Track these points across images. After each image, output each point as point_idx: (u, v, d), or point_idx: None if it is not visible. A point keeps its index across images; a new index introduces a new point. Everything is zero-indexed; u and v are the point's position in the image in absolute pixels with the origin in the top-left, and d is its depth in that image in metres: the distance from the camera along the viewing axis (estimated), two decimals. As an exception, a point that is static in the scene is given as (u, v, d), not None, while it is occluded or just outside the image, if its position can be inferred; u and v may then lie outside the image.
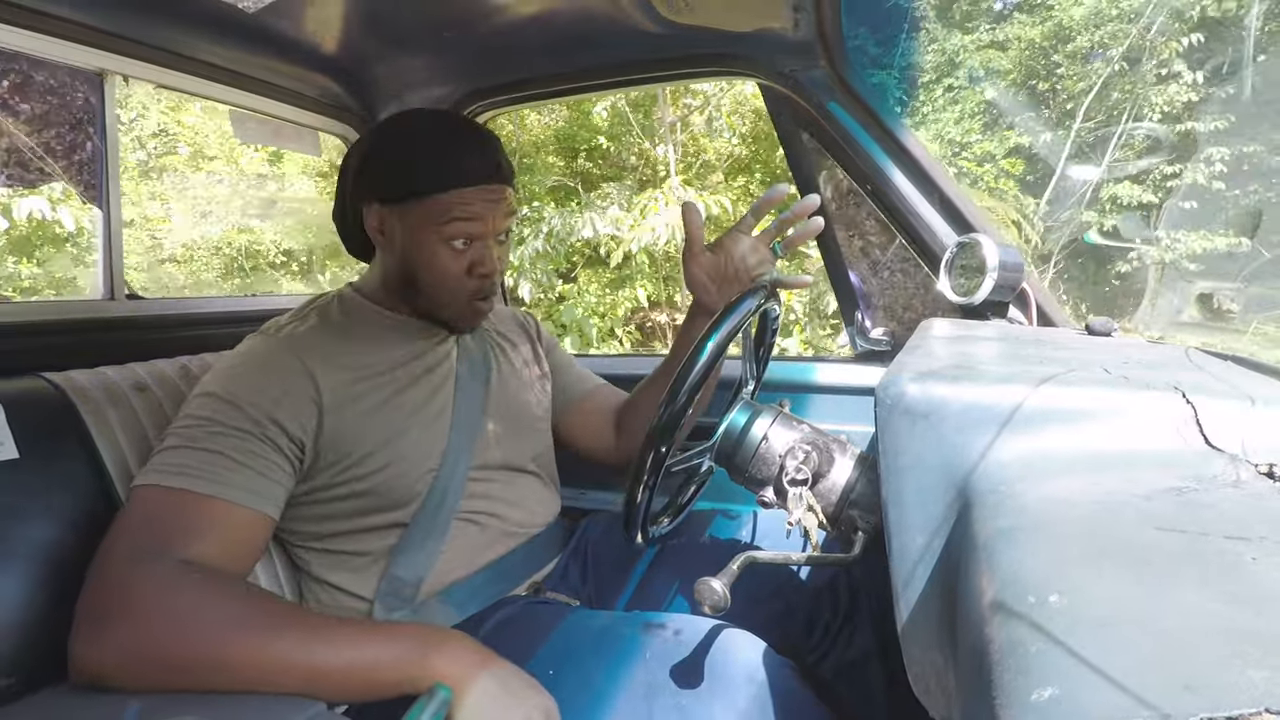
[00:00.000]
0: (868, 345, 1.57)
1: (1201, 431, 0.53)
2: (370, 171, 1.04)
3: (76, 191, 5.70)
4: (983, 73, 8.81)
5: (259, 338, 1.00)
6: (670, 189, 6.16)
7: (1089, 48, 8.24)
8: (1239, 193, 7.92)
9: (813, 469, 0.86)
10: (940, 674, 0.56)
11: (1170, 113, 8.01)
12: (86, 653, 0.72)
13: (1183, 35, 7.73)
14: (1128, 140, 8.28)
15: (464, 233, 1.01)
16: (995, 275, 1.26)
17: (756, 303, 0.88)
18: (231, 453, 0.86)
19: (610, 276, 6.85)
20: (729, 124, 6.70)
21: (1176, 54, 7.80)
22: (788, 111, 1.48)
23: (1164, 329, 7.03)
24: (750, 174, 6.98)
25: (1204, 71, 7.87)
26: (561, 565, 1.20)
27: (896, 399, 0.60)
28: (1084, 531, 0.43)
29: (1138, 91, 8.11)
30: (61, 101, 1.48)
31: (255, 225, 9.38)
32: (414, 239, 1.02)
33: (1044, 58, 8.65)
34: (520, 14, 1.34)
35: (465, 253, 1.03)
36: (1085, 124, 8.36)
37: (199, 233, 9.15)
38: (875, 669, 0.99)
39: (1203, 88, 7.94)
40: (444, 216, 1.00)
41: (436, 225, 1.01)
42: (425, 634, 0.79)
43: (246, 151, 9.26)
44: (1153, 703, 0.29)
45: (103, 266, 1.28)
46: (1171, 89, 7.90)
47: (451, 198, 1.00)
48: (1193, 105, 8.01)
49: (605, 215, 6.25)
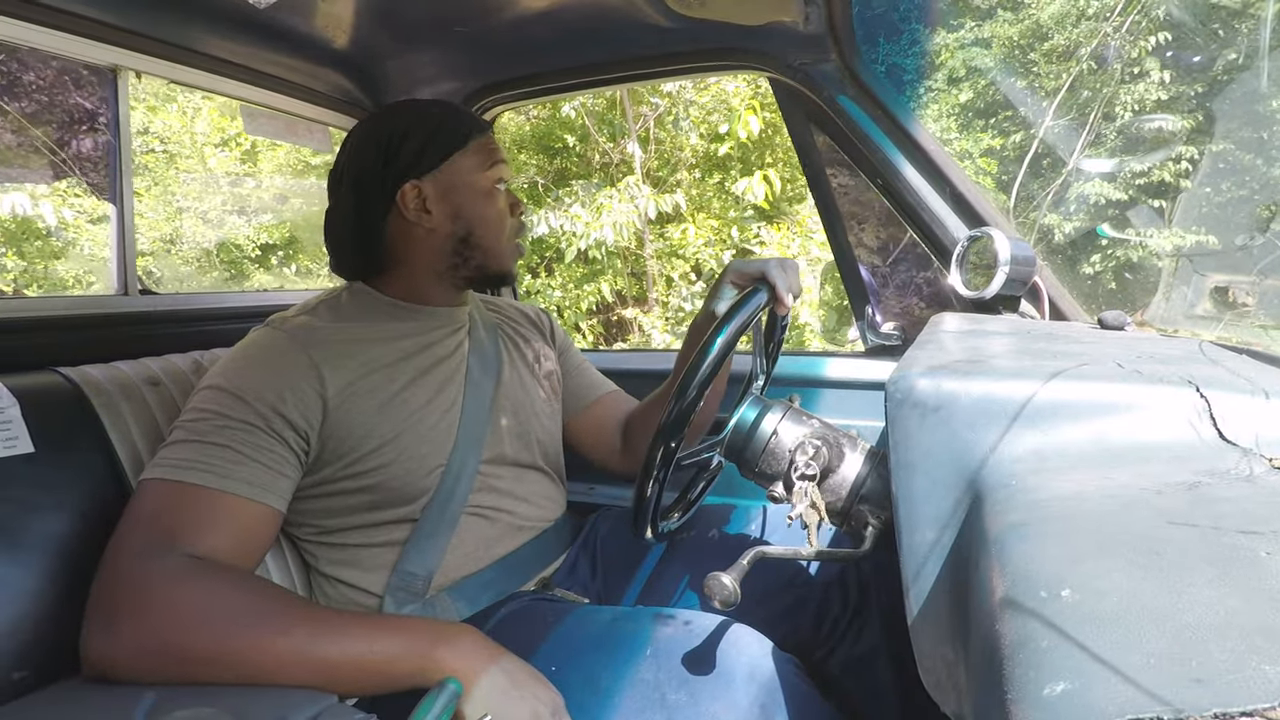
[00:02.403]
0: (878, 340, 1.56)
1: (1215, 425, 0.53)
2: (402, 153, 1.06)
3: (88, 187, 5.72)
4: (963, 72, 8.74)
5: (265, 330, 1.00)
6: (625, 187, 6.21)
7: (1066, 46, 8.18)
8: (1210, 190, 7.87)
9: (822, 464, 0.86)
10: (951, 669, 0.56)
11: (1140, 111, 7.96)
12: (98, 647, 0.73)
13: (1151, 34, 7.68)
14: (1100, 138, 8.23)
15: (500, 175, 1.12)
16: (1007, 269, 1.25)
17: (764, 298, 0.88)
18: (238, 446, 0.86)
19: (583, 271, 6.90)
20: (694, 122, 6.72)
21: (1146, 52, 7.75)
22: (798, 105, 1.47)
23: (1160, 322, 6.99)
24: (726, 171, 6.99)
25: (1173, 70, 7.83)
26: (570, 560, 1.20)
27: (907, 393, 0.60)
28: (1096, 526, 0.43)
29: (1106, 90, 8.06)
30: (72, 98, 1.49)
31: (231, 221, 9.53)
32: (465, 194, 1.09)
33: (1022, 55, 8.59)
34: (530, 8, 1.34)
35: (504, 194, 1.13)
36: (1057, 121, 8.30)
37: (171, 229, 9.28)
38: (884, 664, 0.99)
39: (1171, 86, 7.89)
40: (486, 162, 1.10)
41: (482, 172, 1.10)
42: (434, 628, 0.79)
43: (215, 153, 9.44)
44: (1165, 698, 0.29)
45: (116, 262, 1.28)
46: (1140, 87, 7.87)
47: (486, 142, 1.11)
48: (1162, 103, 7.97)
49: (568, 212, 6.29)
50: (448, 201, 1.07)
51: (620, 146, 6.99)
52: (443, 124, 1.08)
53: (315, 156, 9.09)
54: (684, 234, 6.55)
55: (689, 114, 6.83)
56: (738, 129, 5.96)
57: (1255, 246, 4.97)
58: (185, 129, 9.14)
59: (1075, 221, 8.01)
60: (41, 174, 6.60)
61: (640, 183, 6.27)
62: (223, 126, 9.17)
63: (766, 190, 5.95)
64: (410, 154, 1.06)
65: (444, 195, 1.07)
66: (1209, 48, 7.86)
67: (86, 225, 8.07)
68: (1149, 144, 7.90)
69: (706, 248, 6.60)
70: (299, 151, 9.19)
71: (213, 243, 9.34)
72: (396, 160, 1.06)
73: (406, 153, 1.06)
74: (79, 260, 8.19)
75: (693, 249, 6.62)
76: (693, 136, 6.93)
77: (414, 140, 1.06)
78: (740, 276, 1.05)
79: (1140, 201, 8.00)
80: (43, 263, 8.11)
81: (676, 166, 7.14)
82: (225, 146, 9.34)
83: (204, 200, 9.34)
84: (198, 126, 9.20)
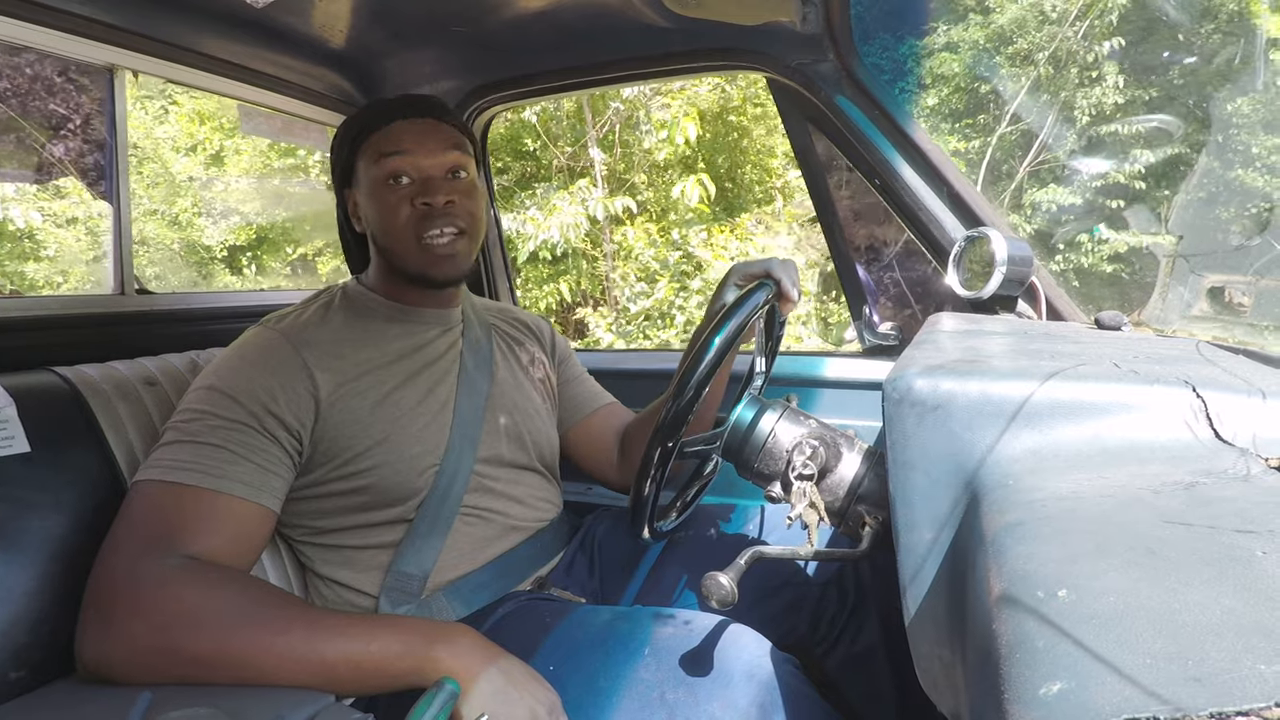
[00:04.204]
0: (875, 340, 1.56)
1: (1211, 425, 0.53)
2: (335, 163, 1.12)
3: (85, 187, 5.72)
4: (929, 79, 8.77)
5: (258, 330, 1.01)
6: (577, 190, 6.45)
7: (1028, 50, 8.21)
8: (1168, 193, 7.92)
9: (820, 464, 0.86)
10: (948, 668, 0.56)
11: (1098, 115, 8.00)
12: (94, 647, 0.73)
13: (1105, 39, 7.73)
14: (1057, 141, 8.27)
15: (396, 167, 1.04)
16: (1004, 269, 1.25)
17: (763, 297, 0.88)
18: (231, 446, 0.86)
19: (547, 272, 6.99)
20: (655, 127, 6.83)
21: (1103, 57, 7.79)
22: (796, 106, 1.47)
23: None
24: (695, 173, 7.15)
25: (1128, 75, 7.88)
26: (567, 560, 1.20)
27: (904, 393, 0.60)
28: (1093, 526, 0.43)
29: (1064, 95, 8.11)
30: (69, 98, 1.49)
31: (199, 223, 9.60)
32: (368, 197, 1.07)
33: (986, 59, 8.61)
34: (527, 8, 1.34)
35: (408, 189, 1.05)
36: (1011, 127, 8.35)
37: (137, 231, 9.31)
38: (882, 663, 0.99)
39: (1125, 90, 7.94)
40: (376, 156, 1.05)
41: (376, 169, 1.05)
42: (432, 628, 0.79)
43: (176, 159, 9.47)
44: (1162, 697, 0.29)
45: (113, 261, 1.28)
46: (1097, 91, 7.91)
47: (380, 137, 1.05)
48: (1120, 107, 8.00)
49: (524, 215, 6.40)
50: (364, 204, 1.09)
51: (582, 150, 7.10)
52: (354, 124, 1.09)
53: (279, 160, 9.20)
54: (624, 237, 6.75)
55: (649, 119, 6.99)
56: (676, 135, 6.26)
57: (1252, 247, 5.01)
58: (148, 135, 9.21)
59: (1036, 224, 8.07)
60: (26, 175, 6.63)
61: (592, 185, 6.52)
62: (192, 132, 9.23)
63: (701, 193, 6.26)
64: (336, 163, 1.12)
65: (363, 198, 1.09)
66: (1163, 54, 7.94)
67: (53, 229, 8.20)
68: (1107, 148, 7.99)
69: (650, 248, 6.79)
70: (268, 157, 9.27)
71: (180, 244, 9.43)
72: (335, 173, 1.13)
73: (336, 162, 1.12)
74: (47, 263, 8.31)
75: (635, 250, 6.82)
76: (646, 141, 7.12)
77: (344, 147, 1.10)
78: (745, 278, 1.04)
79: (1098, 204, 8.08)
80: (12, 264, 8.25)
81: (637, 169, 7.32)
82: (190, 153, 9.39)
83: (174, 204, 9.41)
84: (162, 131, 9.27)
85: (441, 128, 1.07)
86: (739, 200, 8.01)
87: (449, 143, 1.07)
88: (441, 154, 1.06)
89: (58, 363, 1.03)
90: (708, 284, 6.14)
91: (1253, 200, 7.22)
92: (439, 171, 1.05)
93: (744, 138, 7.84)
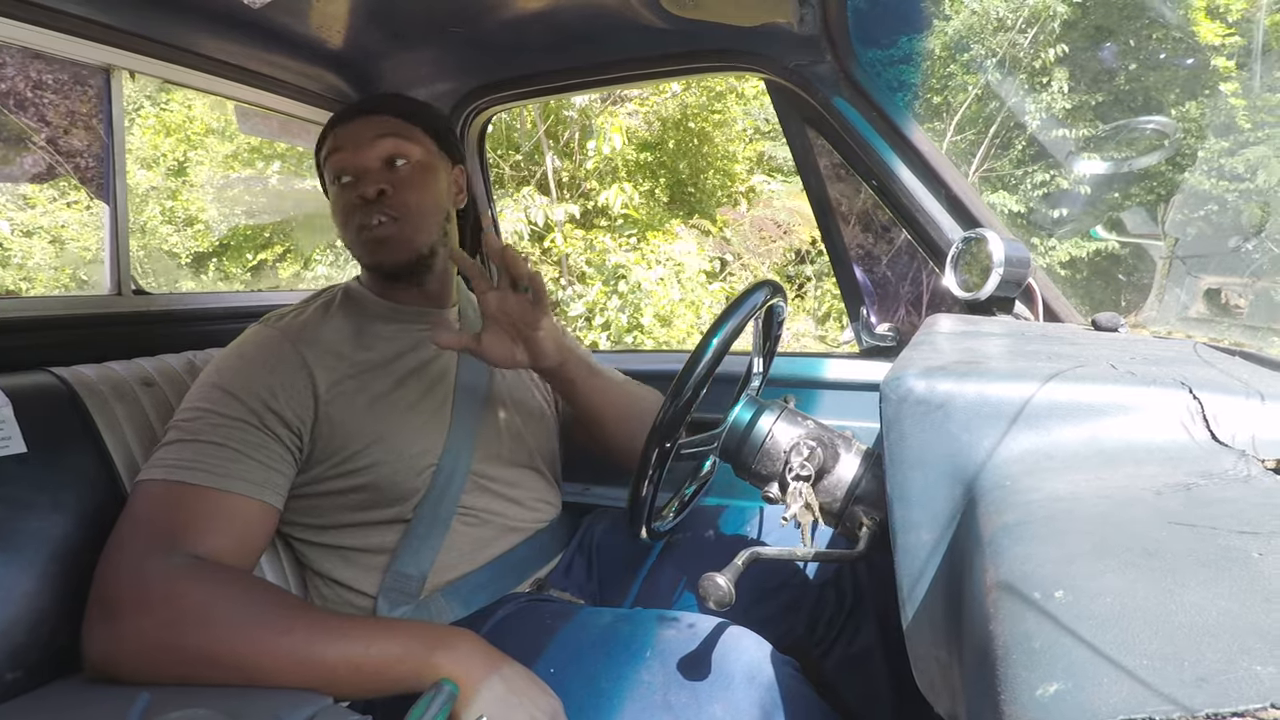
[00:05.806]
0: (873, 341, 1.56)
1: (1209, 427, 0.53)
2: (318, 171, 1.16)
3: (82, 187, 5.72)
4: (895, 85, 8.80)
5: (258, 328, 1.01)
6: (521, 196, 6.70)
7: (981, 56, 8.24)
8: (1119, 196, 7.96)
9: (817, 465, 0.86)
10: (945, 669, 0.56)
11: (1047, 119, 8.03)
12: (100, 644, 0.73)
13: (1051, 45, 7.76)
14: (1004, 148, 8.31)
15: (338, 165, 1.07)
16: (1001, 270, 1.25)
17: (761, 297, 0.88)
18: (233, 444, 0.86)
19: None
20: (600, 137, 7.03)
21: (1052, 62, 7.81)
22: (793, 107, 1.47)
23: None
24: (656, 179, 7.24)
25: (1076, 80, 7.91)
26: (566, 562, 1.20)
27: (902, 394, 0.60)
28: (1090, 527, 0.43)
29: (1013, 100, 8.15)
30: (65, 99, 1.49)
31: (162, 230, 9.62)
32: (330, 201, 1.11)
33: (941, 68, 8.63)
34: (525, 9, 1.34)
35: (350, 185, 1.07)
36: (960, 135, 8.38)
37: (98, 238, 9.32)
38: (879, 664, 0.99)
39: (1073, 95, 7.96)
40: (325, 159, 1.10)
41: (328, 173, 1.10)
42: (433, 632, 0.79)
43: (134, 170, 9.40)
44: (1159, 698, 0.29)
45: (109, 262, 1.28)
46: (1045, 97, 7.93)
47: (329, 143, 1.09)
48: (1069, 111, 8.03)
49: None
50: (331, 208, 1.12)
51: (538, 159, 7.33)
52: (322, 133, 1.12)
53: (244, 170, 9.21)
54: (552, 242, 6.96)
55: (601, 127, 7.22)
56: (602, 145, 6.65)
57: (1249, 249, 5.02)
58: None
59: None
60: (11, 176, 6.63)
61: (535, 193, 6.82)
62: (157, 144, 9.22)
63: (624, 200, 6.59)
64: (320, 169, 1.15)
65: (330, 202, 1.12)
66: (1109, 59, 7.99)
67: (19, 238, 8.22)
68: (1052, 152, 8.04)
69: (582, 254, 7.03)
70: (231, 166, 9.27)
71: (144, 251, 9.45)
72: (320, 176, 1.15)
73: (319, 168, 1.15)
74: (14, 269, 8.33)
75: (570, 255, 7.10)
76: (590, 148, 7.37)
77: (318, 155, 1.13)
78: None
79: (1039, 210, 8.14)
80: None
81: (589, 177, 7.55)
82: (150, 166, 9.37)
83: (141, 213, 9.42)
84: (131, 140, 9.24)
85: (373, 120, 1.08)
86: (701, 204, 8.15)
87: (380, 131, 1.07)
88: (370, 145, 1.06)
89: (54, 363, 1.03)
90: (632, 288, 6.40)
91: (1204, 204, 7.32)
92: (373, 163, 1.06)
93: (705, 144, 8.06)
